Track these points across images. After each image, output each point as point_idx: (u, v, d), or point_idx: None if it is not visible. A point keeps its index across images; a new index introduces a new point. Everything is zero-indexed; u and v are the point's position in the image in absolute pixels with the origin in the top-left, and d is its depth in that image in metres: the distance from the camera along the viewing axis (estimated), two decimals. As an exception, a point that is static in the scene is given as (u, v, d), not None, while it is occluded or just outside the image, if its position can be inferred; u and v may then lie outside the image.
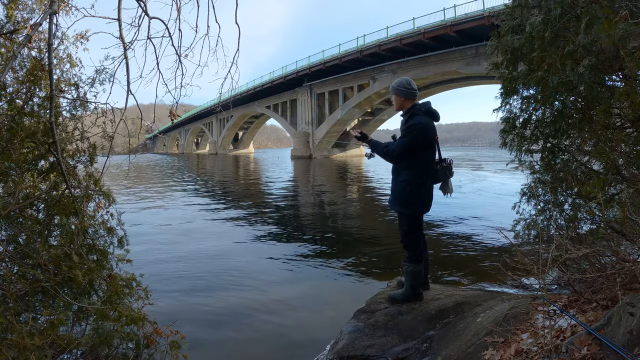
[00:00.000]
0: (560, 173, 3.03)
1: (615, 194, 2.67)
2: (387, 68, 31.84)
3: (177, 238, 6.52)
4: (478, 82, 30.50)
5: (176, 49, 2.35)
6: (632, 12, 2.19)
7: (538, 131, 3.12)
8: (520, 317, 2.03)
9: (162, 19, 2.23)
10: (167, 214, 8.91)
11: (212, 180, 18.84)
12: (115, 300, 1.95)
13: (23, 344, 1.52)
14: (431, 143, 2.56)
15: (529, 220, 3.25)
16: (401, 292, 2.71)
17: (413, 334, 2.40)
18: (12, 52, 2.13)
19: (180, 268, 4.86)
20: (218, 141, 63.52)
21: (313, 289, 4.21)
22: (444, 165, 2.59)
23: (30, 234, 2.00)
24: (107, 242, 2.26)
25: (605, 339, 1.37)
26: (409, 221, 2.63)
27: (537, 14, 2.69)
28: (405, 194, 2.57)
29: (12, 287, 1.73)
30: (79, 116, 2.46)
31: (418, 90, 2.66)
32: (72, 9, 2.17)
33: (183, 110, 35.79)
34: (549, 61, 2.59)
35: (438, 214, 7.93)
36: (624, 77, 2.50)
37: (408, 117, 2.57)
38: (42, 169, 2.25)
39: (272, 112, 49.26)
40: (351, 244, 6.08)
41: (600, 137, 2.57)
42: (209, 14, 2.33)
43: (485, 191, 12.08)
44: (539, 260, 1.87)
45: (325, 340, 2.78)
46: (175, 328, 2.10)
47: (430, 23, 26.22)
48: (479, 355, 1.88)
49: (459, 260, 5.00)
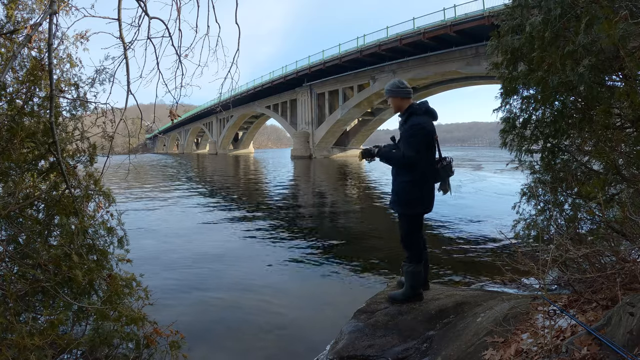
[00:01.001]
0: (560, 173, 3.03)
1: (615, 194, 2.67)
2: (387, 68, 31.83)
3: (177, 238, 6.52)
4: (478, 82, 30.49)
5: (176, 49, 2.35)
6: (632, 12, 2.19)
7: (538, 131, 3.12)
8: (520, 317, 2.03)
9: (162, 19, 2.23)
10: (167, 214, 8.91)
11: (213, 180, 18.84)
12: (115, 300, 1.95)
13: (23, 344, 1.52)
14: (431, 142, 2.55)
15: (529, 220, 3.25)
16: (401, 292, 2.70)
17: (413, 334, 2.40)
18: (12, 52, 2.13)
19: (180, 268, 4.86)
20: (218, 141, 63.54)
21: (313, 289, 4.21)
22: (444, 164, 2.58)
23: (30, 234, 2.00)
24: (107, 242, 2.26)
25: (605, 339, 1.36)
26: (409, 222, 2.61)
27: (537, 14, 2.69)
28: (406, 194, 2.55)
29: (12, 287, 1.73)
30: (79, 116, 2.47)
31: (412, 89, 2.63)
32: (72, 9, 2.17)
33: (183, 110, 35.56)
34: (549, 61, 2.59)
35: (438, 214, 7.93)
36: (624, 77, 2.50)
37: (406, 117, 2.55)
38: (42, 169, 2.25)
39: (272, 112, 49.26)
40: (351, 244, 6.08)
41: (600, 137, 2.57)
42: (209, 14, 2.33)
43: (485, 191, 12.08)
44: (539, 260, 1.86)
45: (325, 340, 2.78)
46: (175, 328, 2.10)
47: (430, 23, 26.23)
48: (479, 355, 1.88)
49: (459, 260, 5.00)
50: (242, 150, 66.71)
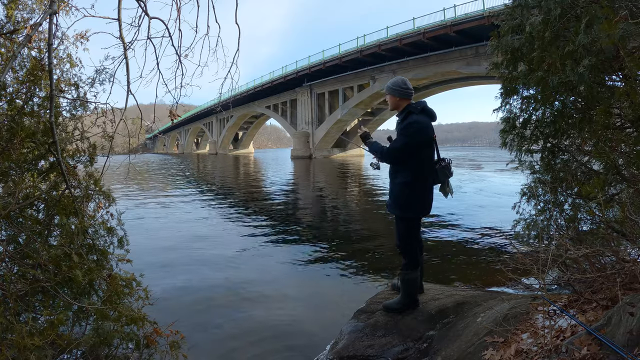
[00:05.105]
0: (560, 173, 3.03)
1: (615, 194, 2.67)
2: (387, 68, 31.82)
3: (176, 238, 6.51)
4: (478, 82, 30.50)
5: (176, 49, 2.35)
6: (632, 12, 2.19)
7: (538, 131, 3.11)
8: (520, 317, 2.03)
9: (162, 19, 2.24)
10: (166, 215, 8.91)
11: (213, 180, 18.84)
12: (115, 300, 1.95)
13: (23, 344, 1.52)
14: (429, 142, 2.49)
15: (529, 220, 3.25)
16: (396, 301, 2.62)
17: (413, 334, 2.40)
18: (12, 52, 2.13)
19: (180, 268, 4.86)
20: (218, 141, 63.54)
21: (313, 289, 4.21)
22: (442, 165, 2.51)
23: (30, 234, 2.00)
24: (107, 242, 2.26)
25: (605, 339, 1.37)
26: (406, 225, 2.54)
27: (537, 14, 2.68)
28: (404, 196, 2.48)
29: (12, 287, 1.73)
30: (79, 116, 2.47)
31: (413, 90, 2.58)
32: (72, 9, 2.18)
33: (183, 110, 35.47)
34: (549, 61, 2.59)
35: (437, 214, 7.93)
36: (624, 77, 2.50)
37: (404, 116, 2.49)
38: (42, 169, 2.25)
39: (272, 112, 49.26)
40: (352, 244, 6.08)
41: (600, 137, 2.57)
42: (209, 14, 2.34)
43: (485, 191, 12.08)
44: (539, 260, 1.87)
45: (325, 340, 2.78)
46: (175, 328, 2.10)
47: (430, 23, 26.23)
48: (479, 355, 1.88)
49: (458, 260, 5.00)
50: (242, 150, 66.71)
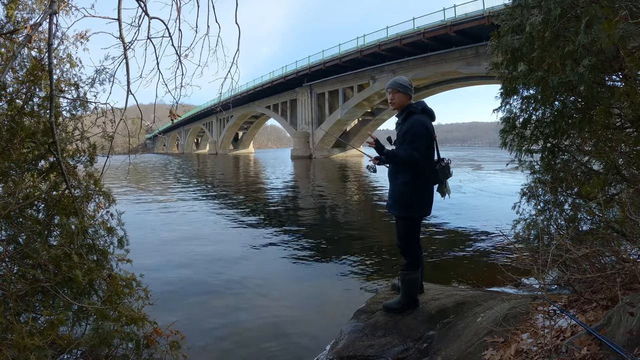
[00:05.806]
0: (560, 173, 3.03)
1: (615, 194, 2.66)
2: (387, 68, 31.82)
3: (176, 239, 6.51)
4: (478, 82, 30.48)
5: (176, 49, 2.36)
6: (632, 12, 2.19)
7: (538, 131, 3.11)
8: (520, 317, 2.03)
9: (162, 19, 2.24)
10: (166, 215, 8.91)
11: (213, 180, 18.83)
12: (115, 300, 1.95)
13: (23, 344, 1.52)
14: (431, 142, 2.49)
15: (529, 220, 3.25)
16: (397, 301, 2.62)
17: (413, 334, 2.40)
18: (12, 52, 2.13)
19: (180, 268, 4.86)
20: (218, 141, 63.53)
21: (313, 289, 4.21)
22: (442, 165, 2.51)
23: (30, 234, 2.00)
24: (107, 242, 2.26)
25: (605, 339, 1.37)
26: (407, 225, 2.54)
27: (537, 14, 2.68)
28: (405, 196, 2.47)
29: (12, 287, 1.73)
30: (79, 116, 2.47)
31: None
32: (72, 9, 2.18)
33: (183, 110, 35.51)
34: (549, 61, 2.59)
35: (438, 214, 7.93)
36: (624, 77, 2.50)
37: (405, 116, 2.49)
38: (42, 169, 2.25)
39: (272, 112, 49.24)
40: (352, 244, 6.08)
41: (600, 137, 2.57)
42: (209, 14, 2.35)
43: (485, 191, 12.08)
44: (539, 260, 1.87)
45: (325, 340, 2.78)
46: (175, 328, 2.10)
47: (430, 23, 26.22)
48: (479, 355, 1.88)
49: (458, 261, 5.00)
50: (242, 150, 66.70)
